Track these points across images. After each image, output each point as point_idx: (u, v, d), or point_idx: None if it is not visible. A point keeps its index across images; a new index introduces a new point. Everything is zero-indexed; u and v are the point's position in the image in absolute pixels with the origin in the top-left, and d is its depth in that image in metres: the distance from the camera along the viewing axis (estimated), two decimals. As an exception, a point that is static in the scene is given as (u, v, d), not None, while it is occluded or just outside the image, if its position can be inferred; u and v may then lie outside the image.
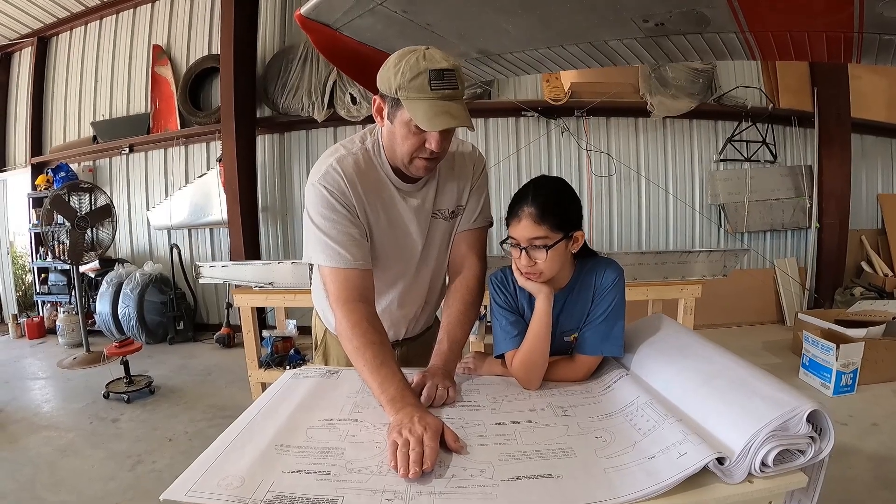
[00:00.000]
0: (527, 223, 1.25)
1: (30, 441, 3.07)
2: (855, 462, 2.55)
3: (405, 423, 1.02)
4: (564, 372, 1.36)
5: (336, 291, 1.29)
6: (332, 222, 1.30)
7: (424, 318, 1.64)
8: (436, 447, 0.96)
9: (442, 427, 1.01)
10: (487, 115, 5.35)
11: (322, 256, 1.31)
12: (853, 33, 1.99)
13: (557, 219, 1.25)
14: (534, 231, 1.24)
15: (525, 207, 1.25)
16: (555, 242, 1.25)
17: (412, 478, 0.88)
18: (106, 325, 5.42)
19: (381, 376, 1.16)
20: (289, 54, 5.31)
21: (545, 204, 1.25)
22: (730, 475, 0.85)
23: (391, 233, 1.41)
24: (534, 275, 1.29)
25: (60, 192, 4.95)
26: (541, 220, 1.24)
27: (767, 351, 4.46)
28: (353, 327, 1.24)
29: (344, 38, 2.14)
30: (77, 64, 6.35)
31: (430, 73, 1.15)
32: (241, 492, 0.84)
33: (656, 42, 2.30)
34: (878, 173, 5.77)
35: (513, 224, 1.28)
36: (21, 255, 7.08)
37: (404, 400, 1.11)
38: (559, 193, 1.31)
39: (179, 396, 3.81)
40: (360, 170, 1.34)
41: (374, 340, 1.22)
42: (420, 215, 1.43)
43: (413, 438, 0.96)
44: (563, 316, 1.38)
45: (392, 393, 1.13)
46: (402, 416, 1.05)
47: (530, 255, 1.27)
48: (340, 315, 1.27)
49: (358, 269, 1.30)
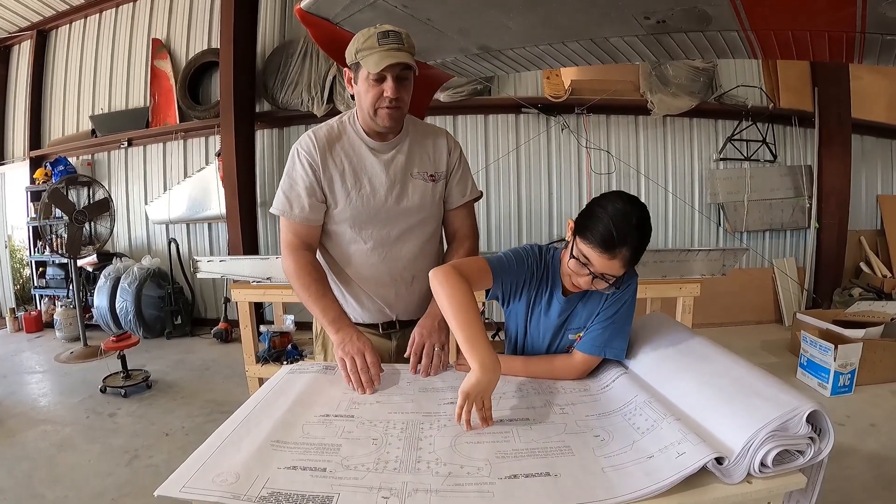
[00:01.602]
0: (616, 264, 1.19)
1: (27, 435, 3.06)
2: (853, 462, 2.55)
3: (346, 340, 1.36)
4: (563, 369, 1.35)
5: (287, 239, 1.51)
6: (293, 182, 1.50)
7: (419, 293, 1.63)
8: (377, 362, 1.33)
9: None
10: (487, 112, 5.34)
11: (281, 207, 1.50)
12: (855, 33, 1.98)
13: (634, 261, 1.22)
14: (618, 271, 1.21)
15: (622, 249, 1.17)
16: (621, 276, 1.24)
17: (368, 394, 1.25)
18: (103, 320, 5.41)
19: (323, 304, 1.44)
20: (289, 49, 5.29)
21: (638, 250, 1.20)
22: (729, 475, 0.84)
23: (358, 185, 1.53)
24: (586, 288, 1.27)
25: (59, 186, 4.94)
26: (629, 264, 1.21)
27: (765, 350, 4.46)
28: (300, 269, 1.47)
29: (344, 32, 2.13)
30: (76, 57, 6.32)
31: (378, 34, 1.36)
32: (236, 488, 0.83)
33: (658, 39, 2.29)
34: (877, 174, 5.76)
35: (599, 254, 1.19)
36: (19, 249, 7.06)
37: (342, 321, 1.43)
38: (647, 237, 1.22)
39: (177, 391, 3.80)
40: (332, 135, 1.53)
41: (316, 278, 1.48)
42: (392, 170, 1.55)
43: (358, 358, 1.30)
44: (576, 314, 1.38)
45: (332, 316, 1.43)
46: (342, 335, 1.38)
47: (595, 283, 1.24)
48: (290, 259, 1.49)
49: (305, 225, 1.51)
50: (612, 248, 1.17)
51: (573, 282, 1.28)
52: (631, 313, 1.34)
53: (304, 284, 1.45)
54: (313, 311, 1.46)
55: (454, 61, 2.63)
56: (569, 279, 1.30)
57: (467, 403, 1.06)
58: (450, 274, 1.24)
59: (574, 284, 1.28)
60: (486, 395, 1.10)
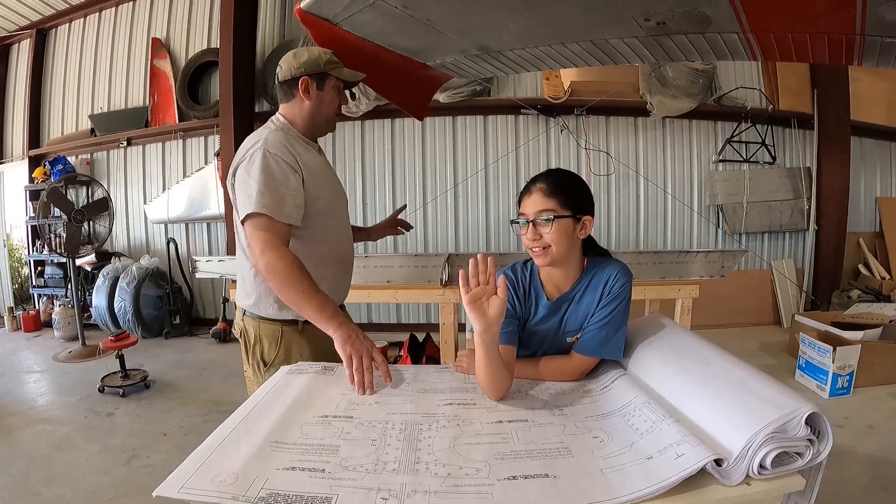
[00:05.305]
0: (537, 197, 1.29)
1: (25, 434, 3.06)
2: (851, 464, 2.55)
3: (353, 337, 1.36)
4: (560, 371, 1.35)
5: (267, 238, 1.49)
6: (278, 182, 1.51)
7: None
8: (384, 361, 1.34)
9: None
10: (486, 113, 5.34)
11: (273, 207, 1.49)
12: (855, 35, 1.98)
13: (567, 196, 1.28)
14: (543, 204, 1.28)
15: (537, 183, 1.31)
16: (562, 216, 1.27)
17: (369, 394, 1.24)
18: (102, 319, 5.41)
19: (320, 299, 1.45)
20: (288, 48, 5.26)
21: (557, 182, 1.30)
22: (728, 477, 0.84)
23: (326, 180, 1.68)
24: (540, 250, 1.30)
25: (58, 185, 4.93)
26: (551, 194, 1.28)
27: (764, 352, 4.46)
28: (291, 265, 1.47)
29: (344, 33, 2.12)
30: (76, 56, 6.32)
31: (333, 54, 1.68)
32: (234, 489, 0.83)
33: (657, 41, 2.29)
34: (876, 176, 5.77)
35: (524, 200, 1.32)
36: (18, 248, 7.06)
37: (342, 316, 1.45)
38: (572, 177, 1.35)
39: (175, 391, 3.80)
40: (287, 140, 1.60)
41: (307, 275, 1.48)
42: (329, 166, 1.78)
43: (366, 357, 1.31)
44: (570, 316, 1.37)
45: (332, 311, 1.44)
46: (347, 330, 1.39)
47: (537, 228, 1.28)
48: (277, 256, 1.47)
49: (287, 225, 1.53)
50: (529, 187, 1.32)
51: (527, 249, 1.34)
52: (626, 313, 1.35)
53: (298, 280, 1.45)
54: (309, 306, 1.44)
55: (453, 62, 2.63)
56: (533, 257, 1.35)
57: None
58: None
59: (531, 251, 1.33)
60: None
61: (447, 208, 5.41)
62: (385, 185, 5.46)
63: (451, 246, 5.41)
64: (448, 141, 5.38)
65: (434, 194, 5.39)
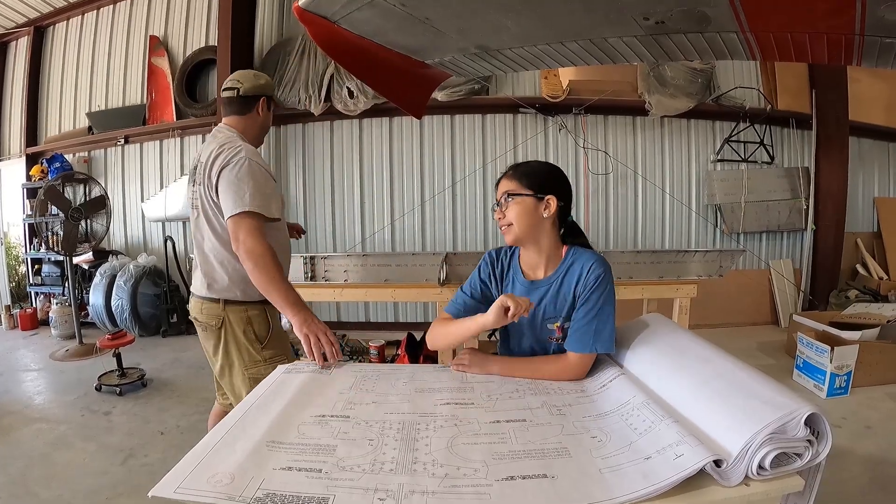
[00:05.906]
0: (504, 180, 1.45)
1: (22, 433, 3.05)
2: (849, 464, 2.55)
3: (310, 320, 1.61)
4: (558, 371, 1.35)
5: (253, 230, 1.71)
6: (264, 186, 1.77)
7: None
8: (336, 341, 1.56)
9: None
10: (485, 111, 5.33)
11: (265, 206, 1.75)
12: (854, 35, 1.98)
13: (529, 178, 1.41)
14: (506, 186, 1.43)
15: (510, 171, 1.46)
16: (522, 194, 1.39)
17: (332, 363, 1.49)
18: (99, 317, 5.39)
19: (287, 286, 1.72)
20: (286, 47, 5.28)
21: (524, 168, 1.45)
22: (727, 477, 0.84)
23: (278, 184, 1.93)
24: (505, 227, 1.43)
25: (55, 183, 4.90)
26: (515, 177, 1.42)
27: (761, 352, 4.47)
28: (272, 254, 1.71)
29: (342, 31, 2.12)
30: (73, 54, 6.30)
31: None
32: (230, 489, 0.82)
33: (656, 40, 2.29)
34: (874, 176, 5.78)
35: (498, 185, 1.47)
36: (15, 246, 7.03)
37: (303, 304, 1.70)
38: (541, 164, 1.48)
39: (172, 390, 3.79)
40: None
41: (279, 264, 1.74)
42: None
43: (322, 335, 1.55)
44: (548, 302, 1.40)
45: (295, 297, 1.70)
46: (305, 314, 1.64)
47: (502, 208, 1.42)
48: (263, 244, 1.71)
49: (264, 222, 1.77)
50: (503, 174, 1.47)
51: (500, 229, 1.46)
52: (611, 305, 1.36)
53: (275, 266, 1.71)
54: (278, 292, 1.69)
55: (452, 60, 2.62)
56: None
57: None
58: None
59: (501, 230, 1.45)
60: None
61: (445, 207, 5.40)
62: (383, 183, 5.45)
63: (449, 245, 5.41)
64: (446, 139, 5.38)
65: (432, 193, 5.38)
